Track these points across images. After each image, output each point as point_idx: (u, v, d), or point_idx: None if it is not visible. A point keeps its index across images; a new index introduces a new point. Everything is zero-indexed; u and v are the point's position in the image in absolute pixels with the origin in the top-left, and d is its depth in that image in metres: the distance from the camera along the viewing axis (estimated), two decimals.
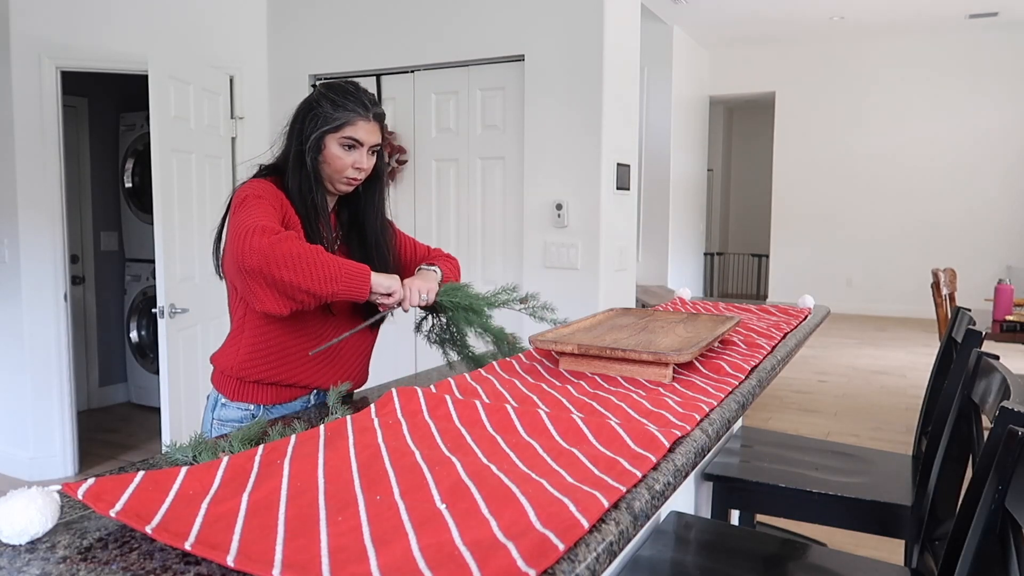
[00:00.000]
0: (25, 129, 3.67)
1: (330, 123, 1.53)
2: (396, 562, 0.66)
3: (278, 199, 1.50)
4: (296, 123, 1.58)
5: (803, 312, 2.29)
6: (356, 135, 1.54)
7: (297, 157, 1.55)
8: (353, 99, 1.55)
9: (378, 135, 1.59)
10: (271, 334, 1.55)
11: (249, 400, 1.59)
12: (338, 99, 1.55)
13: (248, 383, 1.58)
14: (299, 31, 4.01)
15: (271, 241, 1.32)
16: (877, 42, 9.39)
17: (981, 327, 1.78)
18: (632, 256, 3.68)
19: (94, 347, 5.21)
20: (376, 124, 1.58)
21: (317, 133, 1.53)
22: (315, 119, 1.54)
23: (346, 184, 1.59)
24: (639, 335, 1.65)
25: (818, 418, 4.87)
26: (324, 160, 1.55)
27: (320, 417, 1.28)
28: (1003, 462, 0.87)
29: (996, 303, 4.03)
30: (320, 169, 1.56)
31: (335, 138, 1.53)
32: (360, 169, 1.57)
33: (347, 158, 1.55)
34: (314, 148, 1.54)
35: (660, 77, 8.64)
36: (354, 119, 1.54)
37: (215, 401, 1.62)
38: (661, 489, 0.88)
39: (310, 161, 1.54)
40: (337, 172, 1.56)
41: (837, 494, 1.79)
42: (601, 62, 3.23)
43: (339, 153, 1.54)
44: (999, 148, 8.95)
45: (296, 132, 1.57)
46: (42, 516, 0.75)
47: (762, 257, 11.11)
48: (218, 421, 1.61)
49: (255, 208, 1.42)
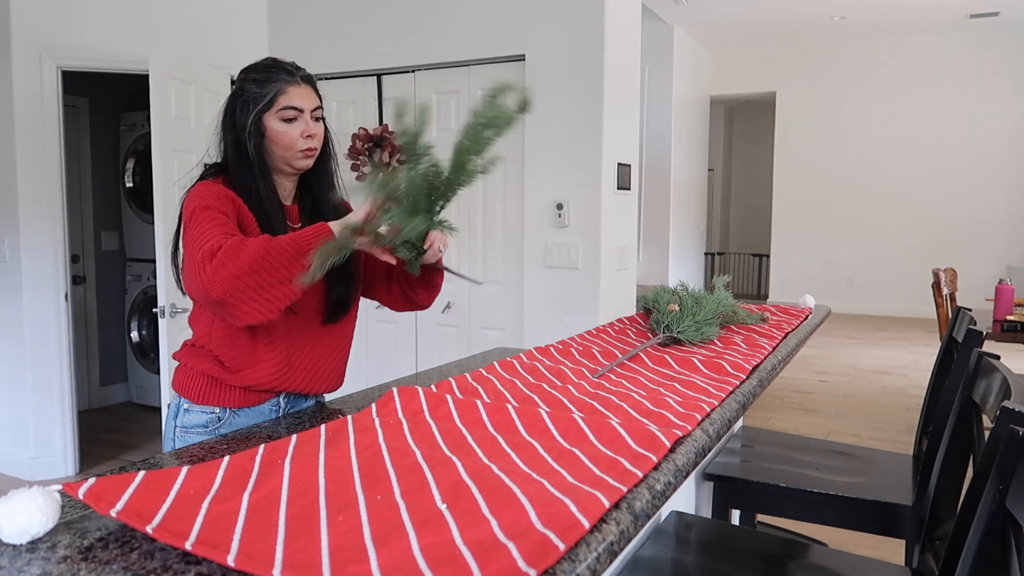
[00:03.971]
0: (26, 129, 3.67)
1: (261, 100, 1.45)
2: (397, 562, 0.66)
3: (227, 201, 1.42)
4: (226, 116, 1.49)
5: (804, 312, 2.29)
6: (292, 103, 1.45)
7: (236, 148, 1.47)
8: (275, 69, 1.48)
9: (315, 98, 1.50)
10: (236, 337, 1.46)
11: (215, 403, 1.50)
12: (259, 76, 1.47)
13: (216, 382, 1.49)
14: (299, 31, 4.01)
15: (218, 264, 1.24)
16: (877, 42, 9.39)
17: (982, 327, 1.78)
18: (633, 256, 3.68)
19: (95, 347, 5.21)
20: (309, 87, 1.50)
21: (253, 116, 1.45)
22: (245, 104, 1.46)
23: (303, 158, 1.49)
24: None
25: (819, 418, 4.87)
26: (270, 142, 1.47)
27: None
28: (1004, 462, 0.87)
29: (997, 303, 4.03)
30: (268, 154, 1.48)
31: (272, 115, 1.45)
32: (312, 136, 1.48)
33: (293, 130, 1.46)
34: (255, 133, 1.45)
35: (661, 77, 8.64)
36: (284, 87, 1.45)
37: (177, 408, 1.53)
38: (662, 489, 0.88)
39: (253, 149, 1.45)
40: (288, 149, 1.47)
41: (838, 494, 1.79)
42: (602, 62, 3.23)
43: (282, 128, 1.46)
44: (1000, 148, 8.94)
45: (228, 125, 1.48)
46: (43, 516, 0.75)
47: (763, 257, 11.10)
48: (181, 429, 1.51)
49: (203, 224, 1.34)
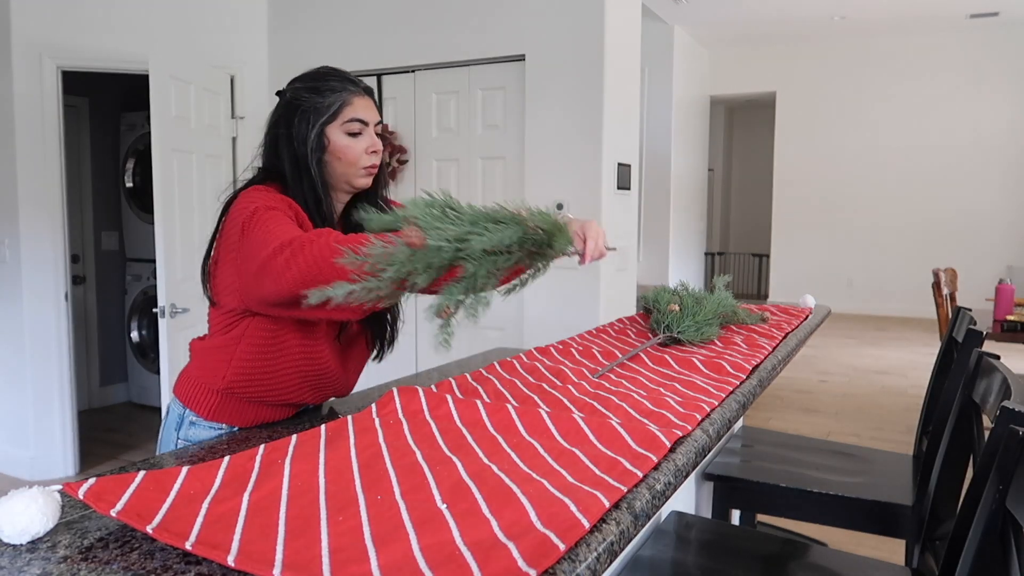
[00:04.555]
0: (26, 129, 3.67)
1: (325, 112, 1.33)
2: (397, 562, 0.66)
3: (289, 208, 1.29)
4: (281, 128, 1.35)
5: (804, 312, 2.29)
6: (358, 115, 1.34)
7: (297, 164, 1.33)
8: (336, 78, 1.36)
9: (377, 111, 1.40)
10: (271, 350, 1.33)
11: (225, 420, 1.38)
12: (320, 84, 1.35)
13: (234, 398, 1.36)
14: (300, 31, 4.01)
15: (299, 248, 1.09)
16: (877, 42, 9.38)
17: (982, 327, 1.77)
18: (633, 256, 3.68)
19: (95, 347, 5.21)
20: (371, 100, 1.39)
21: (315, 129, 1.32)
22: (305, 115, 1.33)
23: (365, 176, 1.38)
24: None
25: (819, 418, 4.87)
26: (332, 157, 1.34)
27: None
28: (1004, 462, 0.87)
29: (997, 303, 4.03)
30: (330, 170, 1.35)
31: (336, 127, 1.33)
32: (376, 152, 1.37)
33: (357, 145, 1.34)
34: (316, 147, 1.32)
35: (661, 77, 8.63)
36: (349, 97, 1.34)
37: (180, 419, 1.40)
38: (662, 489, 0.88)
39: (315, 165, 1.33)
40: (351, 165, 1.35)
41: (838, 494, 1.79)
42: (602, 62, 3.23)
43: (347, 143, 1.34)
44: (999, 148, 8.94)
45: (285, 138, 1.34)
46: (43, 516, 0.75)
47: (763, 257, 11.10)
48: (184, 442, 1.39)
49: (270, 223, 1.20)
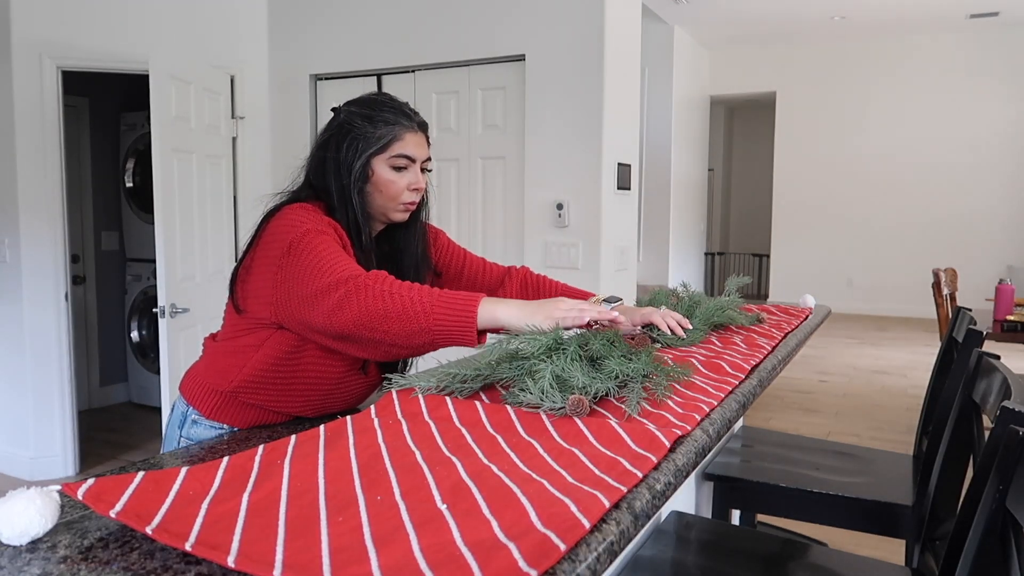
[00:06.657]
0: (26, 129, 3.67)
1: (374, 144, 1.31)
2: (397, 562, 0.66)
3: (335, 232, 1.27)
4: (330, 151, 1.33)
5: (804, 312, 2.29)
6: (407, 151, 1.33)
7: (342, 192, 1.31)
8: (391, 110, 1.34)
9: (427, 148, 1.37)
10: (286, 365, 1.31)
11: (226, 420, 1.37)
12: (375, 114, 1.33)
13: (237, 402, 1.35)
14: (300, 31, 4.01)
15: (362, 289, 1.12)
16: (877, 42, 9.38)
17: (982, 327, 1.77)
18: (633, 256, 3.68)
19: (95, 347, 5.21)
20: (423, 136, 1.36)
21: (362, 158, 1.30)
22: (354, 142, 1.31)
23: (402, 211, 1.37)
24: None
25: (819, 418, 4.87)
26: (375, 188, 1.32)
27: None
28: (1004, 462, 0.87)
29: (997, 303, 4.03)
30: (370, 200, 1.33)
31: (383, 160, 1.32)
32: (417, 191, 1.35)
33: (400, 181, 1.33)
34: (360, 177, 1.30)
35: (661, 77, 8.63)
36: (400, 132, 1.32)
37: (183, 417, 1.40)
38: (662, 489, 0.88)
39: (356, 195, 1.30)
40: (391, 199, 1.33)
41: (838, 494, 1.79)
42: (602, 62, 3.23)
43: (391, 177, 1.32)
44: (999, 148, 8.94)
45: (333, 162, 1.32)
46: (42, 517, 0.75)
47: (763, 257, 11.10)
48: (185, 439, 1.40)
49: (323, 250, 1.19)
